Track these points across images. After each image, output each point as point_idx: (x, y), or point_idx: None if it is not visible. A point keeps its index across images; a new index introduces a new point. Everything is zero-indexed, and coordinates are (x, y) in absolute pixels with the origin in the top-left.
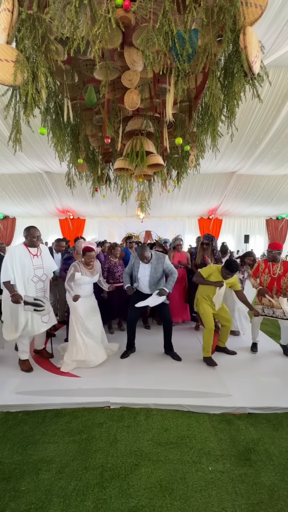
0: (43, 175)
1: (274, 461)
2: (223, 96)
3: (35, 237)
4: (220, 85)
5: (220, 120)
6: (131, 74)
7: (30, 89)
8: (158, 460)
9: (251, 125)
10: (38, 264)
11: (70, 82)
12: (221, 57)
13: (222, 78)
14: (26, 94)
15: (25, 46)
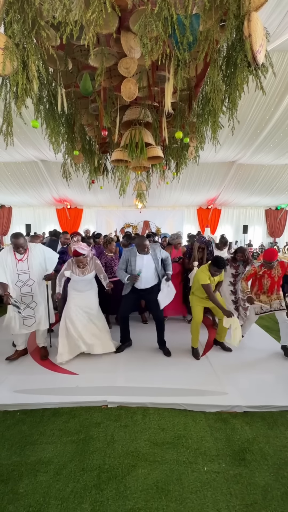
0: (38, 163)
1: (269, 460)
2: (225, 87)
3: (18, 247)
4: (222, 75)
5: (221, 112)
6: (128, 62)
7: (21, 79)
8: (154, 461)
9: (253, 113)
10: (23, 269)
11: (63, 69)
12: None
13: (224, 67)
14: (17, 85)
15: (14, 31)
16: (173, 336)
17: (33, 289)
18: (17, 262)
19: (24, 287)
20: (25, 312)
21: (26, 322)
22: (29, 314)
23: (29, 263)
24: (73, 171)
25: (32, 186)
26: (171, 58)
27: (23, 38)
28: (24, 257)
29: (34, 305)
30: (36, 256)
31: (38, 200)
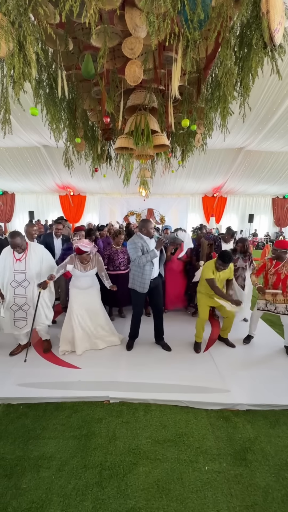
0: (41, 149)
1: (270, 461)
2: (237, 70)
3: (15, 247)
4: (234, 57)
5: (232, 97)
6: (133, 42)
7: (17, 63)
8: (155, 459)
9: (263, 97)
10: (20, 269)
11: (64, 49)
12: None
13: (237, 48)
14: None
15: (8, 8)
16: (174, 328)
17: (27, 291)
18: (14, 262)
19: (18, 288)
20: (17, 314)
21: (17, 324)
22: (21, 316)
23: (27, 264)
24: (76, 159)
25: (35, 172)
26: (180, 38)
27: (19, 16)
28: (23, 256)
29: (27, 307)
30: (35, 257)
31: (41, 187)
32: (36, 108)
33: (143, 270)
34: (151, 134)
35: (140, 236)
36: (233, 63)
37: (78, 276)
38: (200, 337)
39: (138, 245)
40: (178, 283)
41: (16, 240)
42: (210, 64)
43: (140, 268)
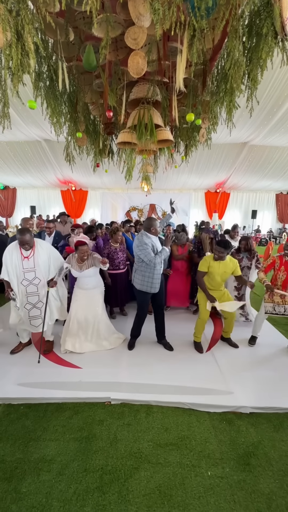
0: (42, 143)
1: (274, 466)
2: (246, 61)
3: (24, 244)
4: (242, 47)
5: (240, 91)
6: (137, 32)
7: (15, 54)
8: (157, 463)
9: (270, 89)
10: (29, 267)
11: (64, 40)
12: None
13: (246, 38)
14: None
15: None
16: (175, 326)
17: (39, 288)
18: (22, 259)
19: (30, 286)
20: (32, 312)
21: (33, 323)
22: (36, 314)
23: (35, 261)
24: (77, 154)
25: (36, 167)
26: (186, 27)
27: (16, 3)
28: (30, 254)
29: (41, 305)
30: (42, 253)
31: (42, 182)
32: (34, 101)
33: (154, 270)
34: (154, 128)
35: (148, 236)
36: (241, 54)
37: (78, 277)
38: (199, 337)
39: (149, 245)
40: (178, 280)
41: (25, 237)
42: (216, 55)
43: (151, 269)
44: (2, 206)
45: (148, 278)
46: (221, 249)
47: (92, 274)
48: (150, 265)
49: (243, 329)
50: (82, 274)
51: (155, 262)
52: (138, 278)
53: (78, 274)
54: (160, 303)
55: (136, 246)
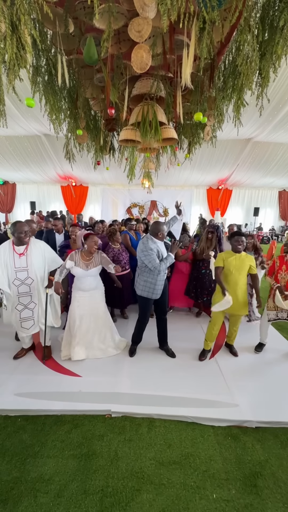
0: (41, 138)
1: (282, 488)
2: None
3: (22, 232)
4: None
5: (250, 88)
6: (141, 23)
7: (10, 47)
8: (160, 484)
9: (276, 84)
10: (21, 266)
11: (64, 31)
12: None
13: (258, 31)
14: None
15: None
16: (177, 330)
17: (32, 289)
18: (17, 257)
19: (22, 286)
20: (23, 313)
21: (24, 325)
22: (28, 315)
23: (28, 260)
24: (77, 151)
25: (36, 162)
26: (194, 19)
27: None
28: (24, 252)
29: (33, 305)
30: (36, 253)
31: (42, 177)
32: (32, 99)
33: (158, 277)
34: (159, 126)
35: (153, 241)
36: (253, 49)
37: (80, 277)
38: (209, 345)
39: (155, 251)
40: (181, 280)
41: (24, 226)
42: (224, 48)
43: (155, 275)
44: (2, 201)
45: (151, 284)
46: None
47: (97, 273)
48: (154, 272)
49: (247, 336)
50: (88, 273)
51: (159, 269)
52: (140, 284)
53: (84, 273)
54: (163, 309)
55: (141, 251)
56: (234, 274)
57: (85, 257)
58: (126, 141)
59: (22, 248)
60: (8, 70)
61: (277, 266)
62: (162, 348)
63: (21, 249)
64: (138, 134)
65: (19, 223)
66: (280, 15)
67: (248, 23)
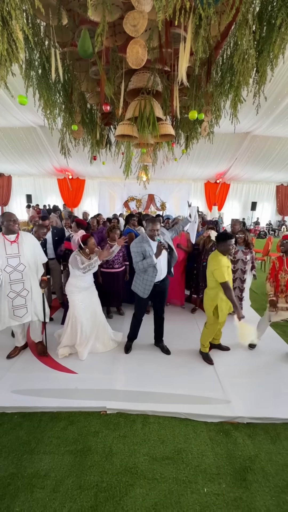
0: (37, 129)
1: (270, 482)
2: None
3: (12, 220)
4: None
5: (247, 85)
6: (136, 17)
7: (0, 44)
8: (153, 479)
9: (274, 78)
10: (13, 252)
11: (57, 24)
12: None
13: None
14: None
15: None
16: (173, 325)
17: (24, 275)
18: (9, 245)
19: (14, 273)
20: (15, 301)
21: (17, 313)
22: (20, 303)
23: (20, 248)
24: (72, 146)
25: (31, 154)
26: (191, 15)
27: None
28: (16, 239)
29: (26, 293)
30: (28, 242)
31: (38, 169)
32: (25, 97)
33: (144, 275)
34: (156, 121)
35: (146, 239)
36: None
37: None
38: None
39: (140, 249)
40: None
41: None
42: (222, 42)
43: (142, 273)
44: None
45: (140, 282)
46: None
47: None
48: (141, 269)
49: None
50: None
51: (138, 267)
52: (134, 280)
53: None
54: (161, 308)
55: (132, 247)
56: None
57: (86, 256)
58: (123, 136)
59: (13, 236)
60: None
61: (277, 267)
62: (158, 345)
63: (12, 237)
64: (134, 129)
65: (7, 213)
66: (278, 13)
67: (245, 18)
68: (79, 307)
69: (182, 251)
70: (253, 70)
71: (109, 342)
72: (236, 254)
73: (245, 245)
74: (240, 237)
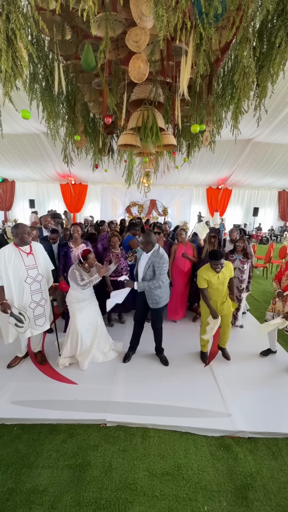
0: (40, 136)
1: (272, 500)
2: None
3: (26, 232)
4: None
5: (248, 98)
6: (138, 34)
7: (4, 63)
8: (153, 496)
9: (276, 86)
10: (31, 263)
11: (61, 39)
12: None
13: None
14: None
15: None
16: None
17: (42, 285)
18: (25, 256)
19: (34, 284)
20: (36, 311)
21: (38, 322)
22: (40, 312)
23: (36, 258)
24: (75, 155)
25: (35, 160)
26: (192, 33)
27: (6, 5)
28: (30, 250)
29: (44, 302)
30: (40, 252)
31: (41, 175)
32: (28, 111)
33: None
34: (159, 132)
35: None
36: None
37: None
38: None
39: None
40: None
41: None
42: (223, 55)
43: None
44: (1, 199)
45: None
46: (215, 262)
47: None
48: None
49: (241, 344)
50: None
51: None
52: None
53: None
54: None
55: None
56: (219, 288)
57: (85, 269)
58: (125, 145)
59: (27, 248)
60: (3, 81)
61: (283, 268)
62: (157, 355)
63: (26, 248)
64: (137, 139)
65: (21, 225)
66: (277, 33)
67: (246, 36)
68: (79, 317)
69: (188, 261)
70: (254, 84)
71: (110, 352)
72: (233, 262)
73: (243, 254)
74: (239, 245)
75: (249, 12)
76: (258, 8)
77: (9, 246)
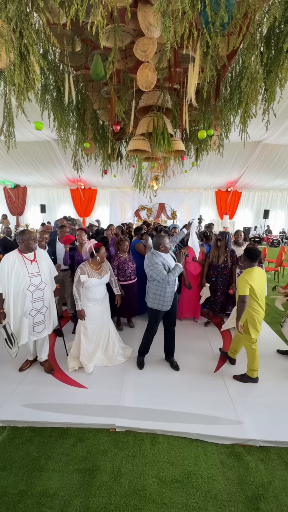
0: (51, 143)
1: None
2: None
3: (32, 238)
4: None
5: (255, 103)
6: (146, 43)
7: (18, 77)
8: (162, 503)
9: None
10: (34, 271)
11: (71, 50)
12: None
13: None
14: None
15: (8, 15)
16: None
17: (45, 293)
18: (29, 264)
19: (37, 292)
20: (36, 318)
21: (37, 329)
22: (40, 320)
23: (39, 266)
24: (85, 162)
25: (46, 167)
26: (198, 41)
27: (20, 22)
28: (34, 258)
29: (45, 309)
30: (44, 259)
31: (52, 181)
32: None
33: (166, 288)
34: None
35: (158, 254)
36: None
37: (95, 286)
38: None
39: (160, 264)
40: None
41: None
42: (230, 61)
43: (163, 287)
44: (13, 204)
45: (160, 296)
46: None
47: (108, 279)
48: (163, 284)
49: None
50: (102, 281)
51: (168, 280)
52: (150, 296)
53: (99, 282)
54: (172, 321)
55: (147, 266)
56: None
57: (94, 267)
58: (135, 150)
59: (31, 255)
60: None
61: None
62: (168, 360)
63: (31, 255)
64: (147, 144)
65: (27, 231)
66: (285, 38)
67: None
68: (86, 319)
69: (199, 265)
70: (262, 89)
71: (117, 357)
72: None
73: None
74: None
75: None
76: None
77: (13, 253)
